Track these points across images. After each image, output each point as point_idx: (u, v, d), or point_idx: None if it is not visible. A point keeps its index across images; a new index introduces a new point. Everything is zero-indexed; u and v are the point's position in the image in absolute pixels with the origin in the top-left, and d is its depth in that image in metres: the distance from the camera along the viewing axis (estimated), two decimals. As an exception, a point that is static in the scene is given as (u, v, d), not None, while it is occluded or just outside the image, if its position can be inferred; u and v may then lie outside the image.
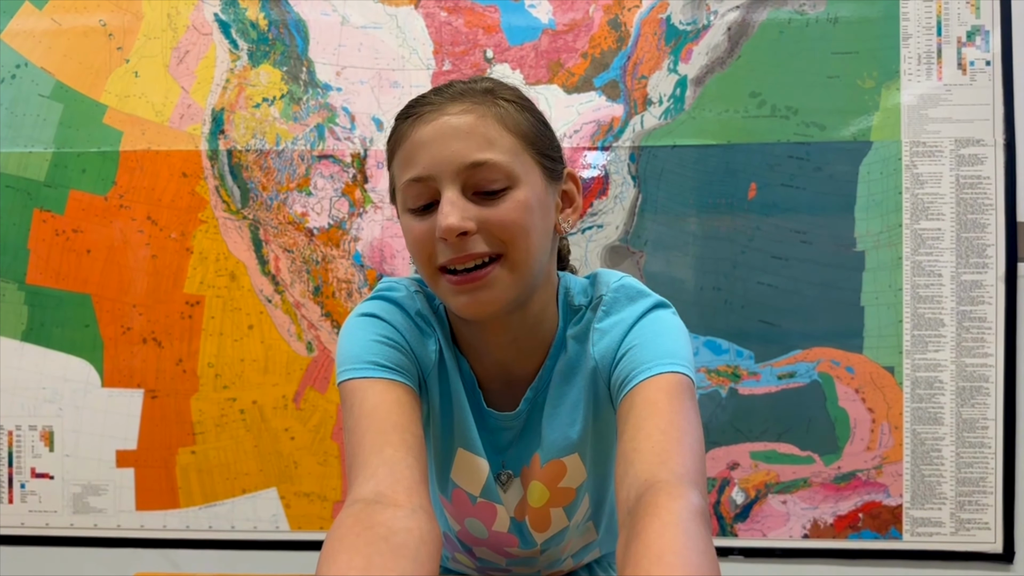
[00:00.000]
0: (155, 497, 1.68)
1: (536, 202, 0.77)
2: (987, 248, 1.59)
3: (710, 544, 0.60)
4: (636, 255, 1.63)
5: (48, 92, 1.68)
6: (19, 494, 1.71)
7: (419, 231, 0.77)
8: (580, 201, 0.86)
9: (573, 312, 0.85)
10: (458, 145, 0.75)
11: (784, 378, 1.61)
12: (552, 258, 0.84)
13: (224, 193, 1.67)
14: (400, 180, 0.79)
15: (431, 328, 0.85)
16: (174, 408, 1.67)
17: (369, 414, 0.76)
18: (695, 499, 0.63)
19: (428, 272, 0.79)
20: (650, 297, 0.83)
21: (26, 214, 1.69)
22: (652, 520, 0.61)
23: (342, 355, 0.81)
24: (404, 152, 0.78)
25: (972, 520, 1.60)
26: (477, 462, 0.87)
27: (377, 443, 0.73)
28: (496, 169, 0.75)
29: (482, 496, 0.89)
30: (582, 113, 1.63)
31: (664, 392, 0.74)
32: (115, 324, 1.69)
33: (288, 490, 1.66)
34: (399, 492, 0.69)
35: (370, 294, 0.87)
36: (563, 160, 0.85)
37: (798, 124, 1.60)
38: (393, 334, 0.82)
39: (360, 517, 0.66)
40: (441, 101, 0.77)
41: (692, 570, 0.56)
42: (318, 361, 1.66)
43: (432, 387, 0.85)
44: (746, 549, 1.61)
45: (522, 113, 0.79)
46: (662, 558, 0.57)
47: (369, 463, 0.72)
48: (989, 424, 1.59)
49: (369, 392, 0.77)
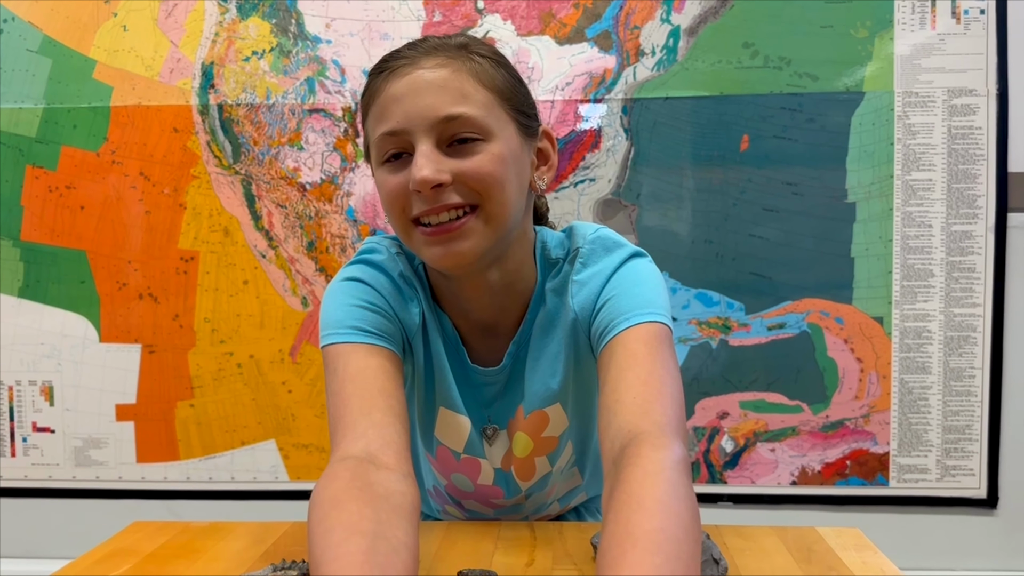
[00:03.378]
0: (155, 450, 1.71)
1: (510, 156, 0.78)
2: (977, 199, 1.59)
3: (691, 491, 0.62)
4: (628, 208, 1.63)
5: (36, 47, 1.67)
6: (21, 448, 1.74)
7: (393, 184, 0.77)
8: (555, 159, 0.86)
9: (551, 265, 0.86)
10: (432, 99, 0.75)
11: (774, 329, 1.63)
12: (528, 214, 0.85)
13: (216, 148, 1.67)
14: (374, 134, 0.79)
15: (413, 290, 0.86)
16: (172, 363, 1.70)
17: (354, 378, 0.77)
18: (677, 449, 0.65)
19: (401, 224, 0.79)
20: (626, 247, 0.84)
21: (19, 171, 1.69)
22: (635, 469, 0.63)
23: (326, 319, 0.82)
24: (378, 106, 0.78)
25: (957, 467, 1.64)
26: (459, 420, 0.89)
27: (365, 406, 0.74)
28: (470, 123, 0.75)
29: (465, 452, 0.91)
30: (574, 65, 1.63)
31: (643, 342, 0.75)
32: (111, 280, 1.70)
33: (286, 442, 1.69)
34: (389, 455, 0.71)
35: (353, 257, 0.88)
36: (538, 118, 0.85)
37: (791, 75, 1.60)
38: (376, 299, 0.83)
39: (357, 473, 0.67)
40: (415, 55, 0.77)
41: (673, 516, 0.58)
42: (313, 316, 1.68)
43: (416, 348, 0.87)
44: (735, 496, 1.65)
45: (497, 69, 0.80)
46: (643, 504, 0.59)
47: (358, 424, 0.73)
48: (976, 373, 1.62)
49: (353, 356, 0.78)
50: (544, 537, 0.85)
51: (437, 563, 0.77)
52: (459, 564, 0.75)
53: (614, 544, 0.56)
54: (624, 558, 0.54)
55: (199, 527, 0.88)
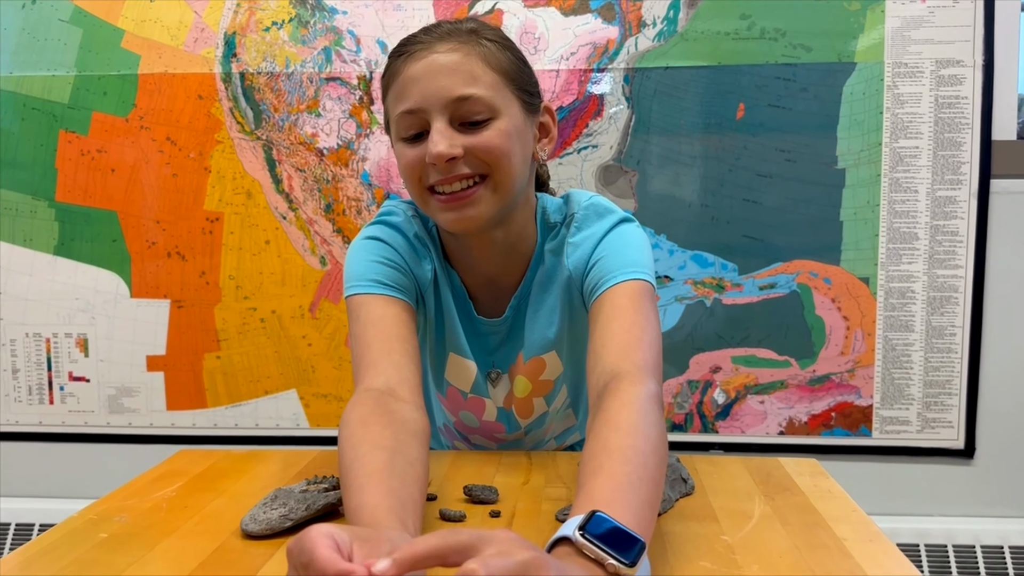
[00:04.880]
0: (184, 398, 1.83)
1: (515, 131, 0.88)
2: (962, 165, 1.67)
3: (660, 419, 0.72)
4: (629, 174, 1.72)
5: (67, 17, 1.76)
6: (59, 396, 1.86)
7: (411, 156, 0.87)
8: (555, 132, 0.97)
9: (549, 228, 0.97)
10: (446, 81, 0.84)
11: (765, 289, 1.72)
12: (530, 182, 0.95)
13: (238, 115, 1.76)
14: (394, 112, 0.88)
15: (427, 249, 0.97)
16: (199, 317, 1.81)
17: (375, 323, 0.88)
18: (651, 385, 0.76)
19: (418, 192, 0.90)
20: (616, 213, 0.95)
21: (52, 135, 1.79)
22: (614, 400, 0.73)
23: (349, 273, 0.94)
24: (397, 87, 0.88)
25: (937, 419, 1.73)
26: (467, 364, 1.00)
27: (385, 348, 0.86)
28: (480, 102, 0.85)
29: (472, 392, 1.03)
30: (578, 35, 1.70)
31: (628, 297, 0.86)
32: (140, 239, 1.80)
33: (307, 391, 1.81)
34: (405, 390, 0.83)
35: (374, 218, 0.99)
36: (540, 95, 0.95)
37: (786, 46, 1.67)
38: (394, 256, 0.94)
39: (379, 401, 0.79)
40: (430, 40, 0.87)
41: (642, 436, 0.68)
42: (331, 274, 1.78)
43: (428, 300, 0.98)
44: (725, 444, 1.76)
45: (504, 52, 0.89)
46: (619, 426, 0.70)
47: (379, 363, 0.84)
48: (956, 331, 1.71)
49: (373, 305, 0.90)
50: (539, 462, 0.96)
51: (447, 482, 0.89)
52: (465, 482, 0.87)
53: (593, 456, 0.67)
54: (600, 467, 0.65)
55: (239, 454, 1.00)
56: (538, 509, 0.81)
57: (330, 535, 0.50)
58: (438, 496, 0.83)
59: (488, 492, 0.83)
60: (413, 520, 0.64)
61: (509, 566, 0.47)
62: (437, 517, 0.78)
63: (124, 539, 0.74)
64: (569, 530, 0.56)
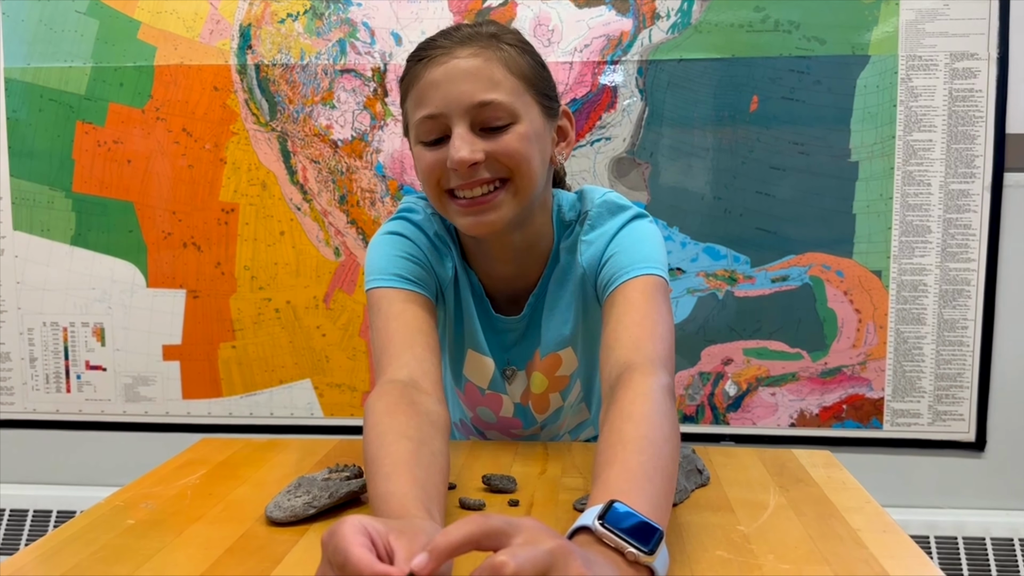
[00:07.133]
0: (199, 387, 1.85)
1: (535, 135, 0.88)
2: (975, 159, 1.67)
3: (672, 410, 0.73)
4: (642, 166, 1.73)
5: (84, 9, 1.77)
6: (75, 384, 1.88)
7: (431, 160, 0.88)
8: (573, 136, 0.97)
9: (564, 227, 0.98)
10: (467, 86, 0.84)
11: (777, 281, 1.72)
12: (548, 185, 0.96)
13: (253, 106, 1.78)
14: (414, 117, 0.89)
15: (447, 248, 0.98)
16: (215, 307, 1.83)
17: (397, 316, 0.89)
18: (663, 377, 0.76)
19: (436, 195, 0.90)
20: (629, 210, 0.96)
21: (69, 126, 1.81)
22: (627, 391, 0.74)
23: (371, 266, 0.95)
24: (417, 91, 0.88)
25: (948, 412, 1.74)
26: (484, 361, 1.02)
27: (407, 341, 0.87)
28: (500, 108, 0.85)
29: (489, 388, 1.04)
30: (592, 27, 1.71)
31: (640, 291, 0.87)
32: (156, 230, 1.82)
33: (321, 381, 1.83)
34: (427, 383, 0.84)
35: (394, 213, 1.00)
36: (558, 99, 0.95)
37: (800, 38, 1.67)
38: (416, 251, 0.95)
39: (404, 393, 0.80)
40: (450, 45, 0.87)
41: (655, 427, 0.69)
42: (345, 265, 1.80)
43: (448, 298, 0.99)
44: (736, 436, 1.77)
45: (523, 56, 0.89)
46: (632, 417, 0.70)
47: (402, 355, 0.86)
48: (968, 324, 1.71)
49: (395, 299, 0.91)
50: (555, 453, 0.98)
51: (465, 471, 0.90)
52: (483, 471, 0.88)
53: (608, 447, 0.68)
54: (615, 457, 0.66)
55: (259, 442, 1.01)
56: (555, 498, 0.82)
57: (364, 531, 0.51)
58: (457, 485, 0.85)
59: (506, 482, 0.84)
60: (438, 509, 0.66)
61: (537, 555, 0.48)
62: (457, 506, 0.79)
63: (151, 525, 0.76)
64: (588, 520, 0.57)
